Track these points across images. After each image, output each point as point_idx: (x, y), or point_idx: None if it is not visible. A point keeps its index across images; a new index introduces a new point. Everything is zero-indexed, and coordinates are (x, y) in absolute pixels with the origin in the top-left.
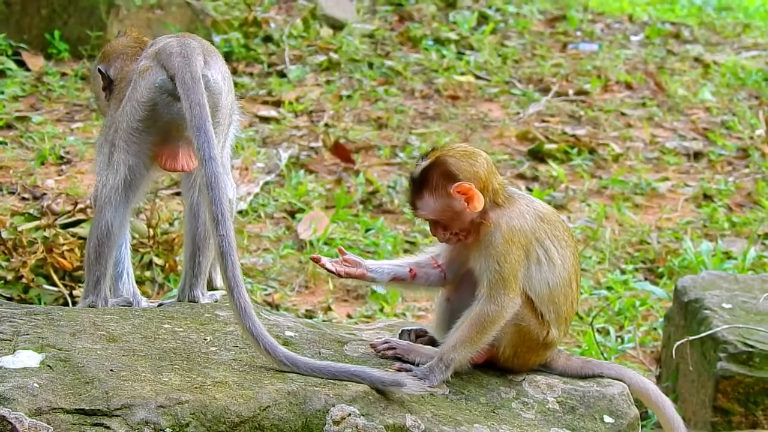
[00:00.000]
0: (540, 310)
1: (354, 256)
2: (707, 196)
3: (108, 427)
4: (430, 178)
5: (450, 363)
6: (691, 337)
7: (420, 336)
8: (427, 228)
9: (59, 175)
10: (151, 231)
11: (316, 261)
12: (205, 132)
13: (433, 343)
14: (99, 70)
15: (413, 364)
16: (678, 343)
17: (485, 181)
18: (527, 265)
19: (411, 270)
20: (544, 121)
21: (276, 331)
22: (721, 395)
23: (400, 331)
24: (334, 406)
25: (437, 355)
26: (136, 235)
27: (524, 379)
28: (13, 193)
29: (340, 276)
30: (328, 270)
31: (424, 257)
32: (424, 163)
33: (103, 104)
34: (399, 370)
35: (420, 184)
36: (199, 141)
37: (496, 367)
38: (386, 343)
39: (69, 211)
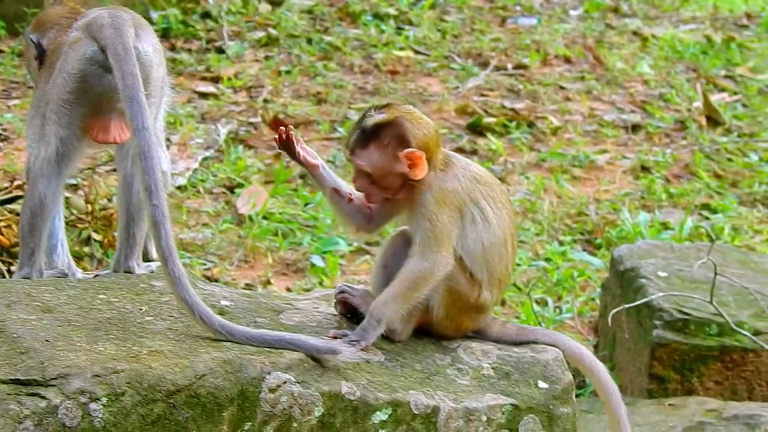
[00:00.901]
0: (471, 270)
1: (312, 151)
2: (645, 168)
3: (44, 397)
4: (383, 135)
5: (381, 318)
6: (627, 305)
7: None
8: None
9: None
10: (90, 207)
11: (281, 130)
12: (138, 102)
13: None
14: (31, 40)
15: (359, 310)
16: (614, 311)
17: (432, 152)
18: (462, 225)
19: (350, 194)
20: (483, 95)
21: (212, 300)
22: (656, 363)
23: (339, 288)
24: (269, 374)
25: (368, 312)
26: (75, 211)
27: (459, 346)
28: None
29: (296, 158)
30: (290, 149)
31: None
32: (379, 117)
33: (35, 74)
34: (334, 338)
35: (369, 136)
36: (132, 111)
37: (431, 333)
38: (341, 292)
39: (6, 188)
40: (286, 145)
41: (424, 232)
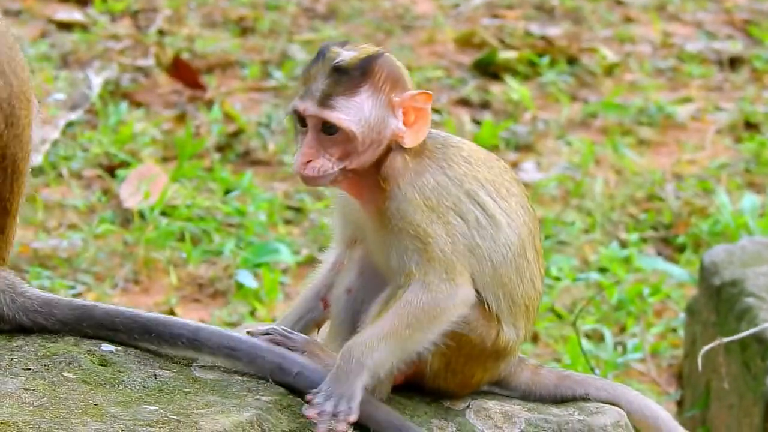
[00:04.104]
0: (485, 298)
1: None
2: (751, 125)
3: None
4: (374, 74)
5: (364, 364)
6: (727, 339)
7: None
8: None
9: None
10: None
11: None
12: None
13: None
14: None
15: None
16: (706, 347)
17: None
18: (469, 233)
19: (323, 301)
20: (496, 17)
21: (88, 344)
22: None
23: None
24: None
25: (343, 355)
26: None
27: (469, 407)
28: None
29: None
30: None
31: (325, 269)
32: (359, 53)
33: None
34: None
35: (359, 77)
36: None
37: (424, 389)
38: (269, 334)
39: None
40: None
41: (414, 257)
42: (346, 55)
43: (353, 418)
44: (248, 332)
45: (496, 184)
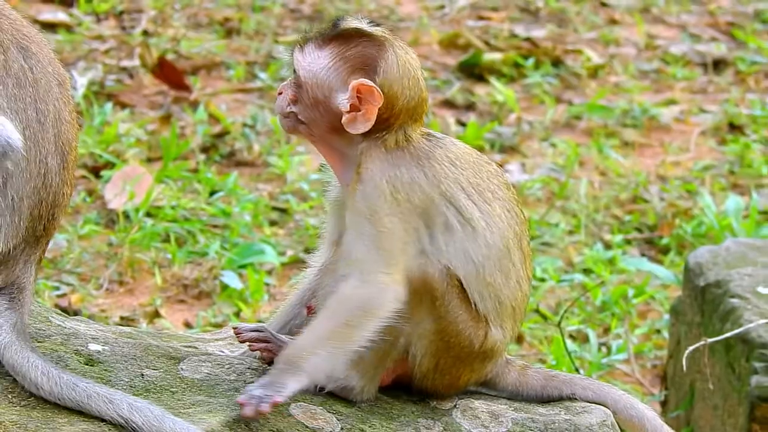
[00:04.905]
0: (473, 299)
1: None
2: (735, 127)
3: None
4: (353, 44)
5: (300, 365)
6: (711, 340)
7: None
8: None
9: None
10: None
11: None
12: None
13: None
14: None
15: None
16: (691, 348)
17: (396, 112)
18: (430, 233)
19: (308, 308)
20: (481, 18)
21: (74, 343)
22: (758, 426)
23: (253, 330)
24: None
25: (283, 360)
26: None
27: (455, 406)
28: None
29: None
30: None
31: (310, 274)
32: (361, 24)
33: None
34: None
35: (335, 36)
36: None
37: (412, 388)
38: (258, 331)
39: None
40: None
41: (363, 242)
42: (353, 23)
43: (280, 398)
44: (234, 329)
45: (480, 188)
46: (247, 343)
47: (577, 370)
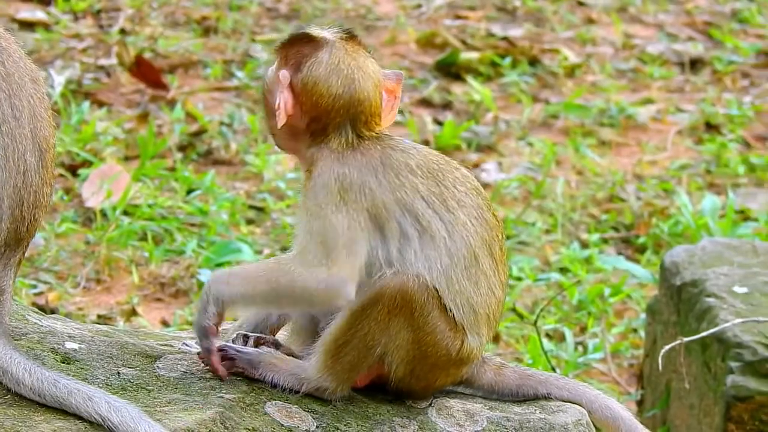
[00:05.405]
0: (451, 308)
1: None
2: (712, 127)
3: None
4: (297, 47)
5: (215, 293)
6: (687, 339)
7: (262, 344)
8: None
9: None
10: None
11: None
12: None
13: (292, 355)
14: None
15: (263, 381)
16: (667, 347)
17: (323, 113)
18: (384, 240)
19: None
20: (459, 17)
21: (51, 341)
22: (733, 425)
23: (234, 336)
24: None
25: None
26: None
27: (431, 405)
28: None
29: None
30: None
31: None
32: (312, 30)
33: None
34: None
35: (292, 41)
36: None
37: (387, 390)
38: (222, 351)
39: None
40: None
41: (307, 235)
42: (307, 29)
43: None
44: (198, 354)
45: (443, 196)
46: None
47: (553, 369)
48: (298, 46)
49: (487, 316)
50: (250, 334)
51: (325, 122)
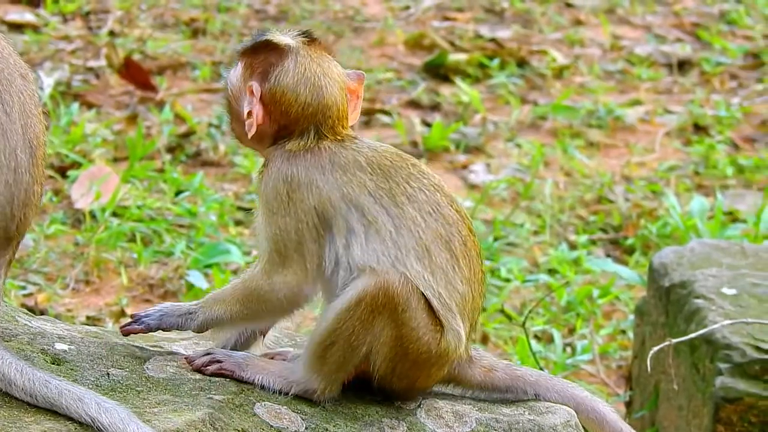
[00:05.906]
0: (430, 301)
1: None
2: (700, 128)
3: None
4: (261, 54)
5: (197, 314)
6: (676, 340)
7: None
8: None
9: None
10: None
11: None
12: None
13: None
14: None
15: (252, 384)
16: (655, 348)
17: (290, 119)
18: (332, 237)
19: None
20: (447, 19)
21: (41, 343)
22: (722, 426)
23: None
24: None
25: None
26: None
27: (419, 406)
28: None
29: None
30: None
31: None
32: (273, 36)
33: None
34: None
35: (250, 48)
36: None
37: (373, 388)
38: (209, 354)
39: None
40: None
41: (263, 241)
42: (267, 35)
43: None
44: (185, 358)
45: (392, 192)
46: (200, 368)
47: (541, 370)
48: (263, 54)
49: (459, 309)
50: (231, 352)
51: (290, 128)
